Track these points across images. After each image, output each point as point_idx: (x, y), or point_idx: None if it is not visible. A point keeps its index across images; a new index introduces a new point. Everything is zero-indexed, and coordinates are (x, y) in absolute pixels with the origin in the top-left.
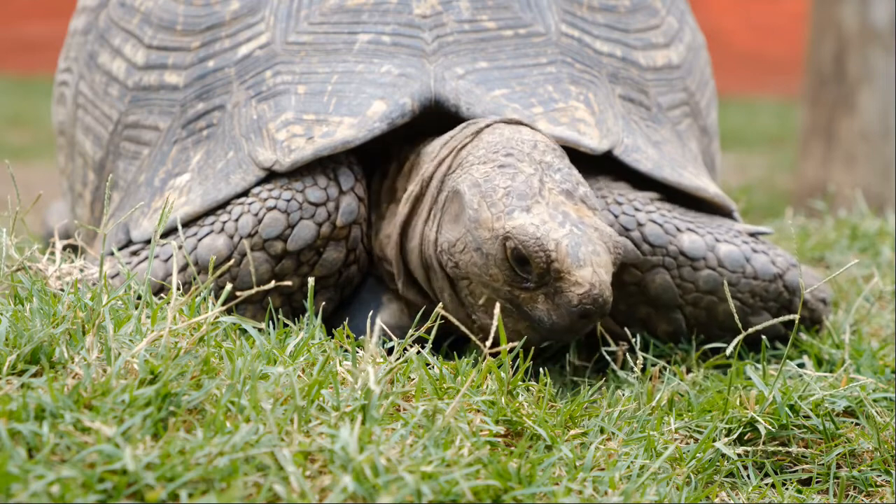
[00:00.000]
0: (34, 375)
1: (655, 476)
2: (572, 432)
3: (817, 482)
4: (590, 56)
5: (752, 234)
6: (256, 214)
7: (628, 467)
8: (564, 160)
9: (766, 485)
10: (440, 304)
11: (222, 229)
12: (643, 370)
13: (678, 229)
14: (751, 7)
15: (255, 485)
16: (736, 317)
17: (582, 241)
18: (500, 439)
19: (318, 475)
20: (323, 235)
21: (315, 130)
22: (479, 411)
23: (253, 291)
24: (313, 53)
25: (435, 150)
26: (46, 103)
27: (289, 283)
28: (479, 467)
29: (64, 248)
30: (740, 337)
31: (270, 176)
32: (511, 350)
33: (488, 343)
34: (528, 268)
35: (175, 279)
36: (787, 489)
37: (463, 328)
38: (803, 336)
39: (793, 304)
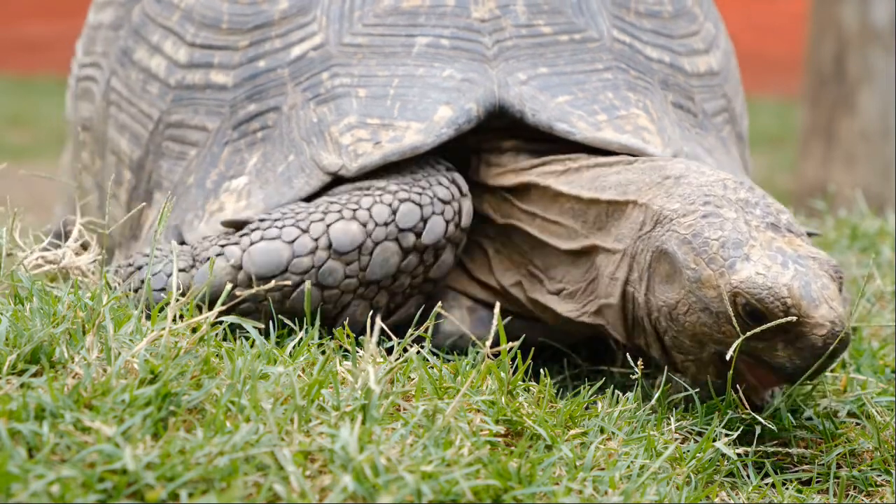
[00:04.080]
0: (34, 375)
1: (655, 476)
2: (572, 432)
3: (817, 482)
4: (641, 62)
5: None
6: (390, 205)
7: (628, 467)
8: (755, 190)
9: (766, 485)
10: (440, 305)
11: (354, 216)
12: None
13: None
14: (751, 7)
15: (255, 484)
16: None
17: (810, 277)
18: (500, 439)
19: (318, 475)
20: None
21: (382, 135)
22: (479, 411)
23: (271, 286)
24: (370, 56)
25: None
26: (46, 103)
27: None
28: (479, 467)
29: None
30: (738, 341)
31: (334, 182)
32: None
33: (488, 343)
34: (763, 320)
35: (175, 279)
36: (787, 489)
37: (464, 329)
38: None
39: None
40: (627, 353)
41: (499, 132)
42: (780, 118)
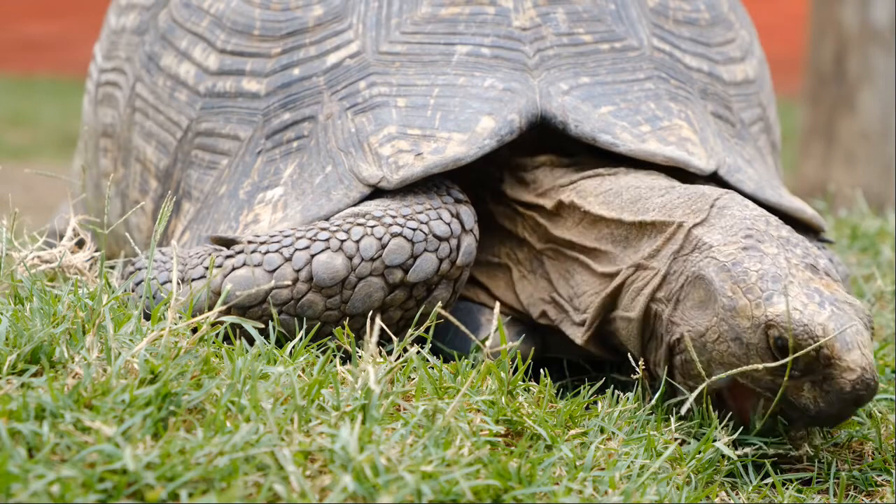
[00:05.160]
0: (34, 375)
1: (655, 476)
2: (572, 432)
3: (817, 482)
4: (682, 71)
5: (821, 241)
6: (380, 239)
7: (628, 467)
8: (794, 233)
9: (766, 485)
10: (439, 306)
11: (341, 247)
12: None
13: None
14: (751, 7)
15: (255, 484)
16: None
17: (845, 321)
18: (500, 439)
19: (319, 475)
20: (442, 272)
21: (423, 146)
22: (479, 411)
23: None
24: (409, 64)
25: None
26: (46, 103)
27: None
28: (480, 467)
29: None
30: (757, 367)
31: (374, 193)
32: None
33: (488, 343)
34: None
35: (175, 276)
36: (787, 489)
37: (462, 327)
38: None
39: None
40: (629, 354)
41: (530, 143)
42: (780, 118)
